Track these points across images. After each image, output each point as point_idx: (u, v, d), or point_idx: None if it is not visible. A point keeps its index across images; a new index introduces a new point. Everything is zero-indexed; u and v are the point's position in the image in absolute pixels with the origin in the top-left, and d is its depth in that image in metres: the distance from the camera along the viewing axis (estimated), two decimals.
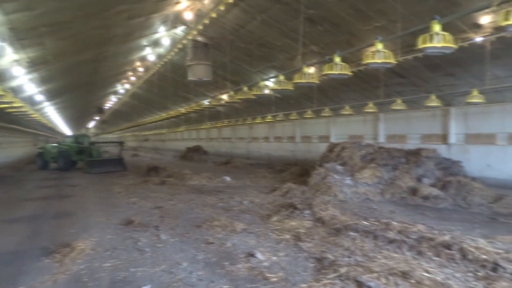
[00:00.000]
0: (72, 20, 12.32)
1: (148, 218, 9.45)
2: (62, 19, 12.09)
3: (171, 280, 5.49)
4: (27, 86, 18.35)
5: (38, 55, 14.74)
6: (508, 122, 13.96)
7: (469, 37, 10.91)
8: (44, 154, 24.49)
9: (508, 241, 7.00)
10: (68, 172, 22.06)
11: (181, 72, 21.94)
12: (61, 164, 22.94)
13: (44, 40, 13.17)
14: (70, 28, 13.01)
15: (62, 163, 22.92)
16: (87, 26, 13.35)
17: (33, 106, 23.43)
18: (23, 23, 11.07)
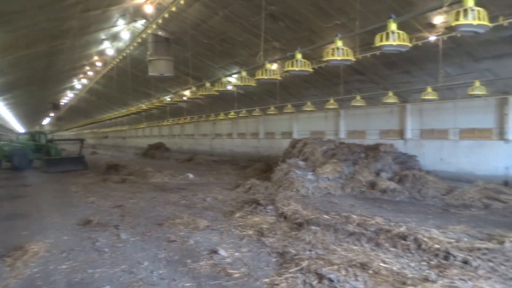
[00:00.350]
0: (23, 11, 11.66)
1: (107, 218, 9.19)
2: (12, 9, 11.41)
3: (131, 280, 5.36)
4: None
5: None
6: (459, 118, 14.70)
7: (424, 36, 11.37)
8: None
9: (458, 230, 7.37)
10: (23, 172, 20.99)
11: (142, 67, 21.41)
12: (16, 163, 21.65)
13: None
14: (21, 19, 12.31)
15: (17, 162, 21.64)
16: (40, 18, 12.68)
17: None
18: None
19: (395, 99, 14.69)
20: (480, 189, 10.57)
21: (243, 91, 20.89)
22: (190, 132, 37.51)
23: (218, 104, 26.04)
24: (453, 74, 13.30)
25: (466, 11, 5.31)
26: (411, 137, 16.49)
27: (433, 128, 15.66)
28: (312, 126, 21.93)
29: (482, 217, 8.94)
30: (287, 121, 23.71)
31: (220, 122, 30.80)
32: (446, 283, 4.72)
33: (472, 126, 14.28)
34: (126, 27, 19.64)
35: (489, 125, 13.77)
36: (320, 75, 16.05)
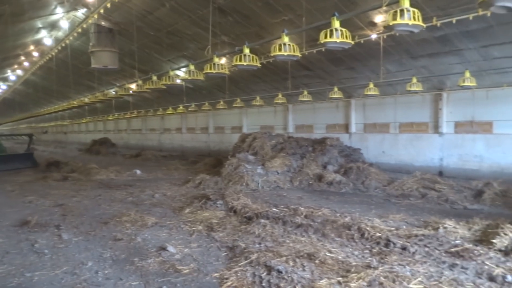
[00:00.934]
0: None
1: (47, 217, 8.70)
2: None
3: (74, 281, 5.13)
4: None
5: None
6: (399, 112, 15.56)
7: (366, 34, 11.85)
8: None
9: (398, 219, 7.84)
10: None
11: (84, 59, 20.38)
12: None
13: None
14: None
15: None
16: None
17: None
18: None
19: (340, 95, 15.21)
20: (417, 179, 11.26)
21: (192, 85, 20.60)
22: (137, 127, 36.42)
23: (166, 98, 25.49)
24: (393, 70, 14.02)
25: (402, 12, 5.65)
26: (355, 131, 17.19)
27: (376, 122, 16.44)
28: (262, 121, 22.16)
29: (420, 205, 9.55)
30: (236, 115, 23.75)
31: (169, 117, 30.20)
32: (386, 269, 4.98)
33: (411, 120, 15.17)
34: (66, 16, 18.55)
35: (426, 119, 14.71)
36: (269, 70, 16.22)
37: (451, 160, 13.78)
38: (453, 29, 10.63)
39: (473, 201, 9.63)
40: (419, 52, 12.66)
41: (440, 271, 5.01)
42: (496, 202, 9.40)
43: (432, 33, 11.02)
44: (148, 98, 26.86)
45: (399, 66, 13.82)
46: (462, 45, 11.54)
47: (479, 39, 11.00)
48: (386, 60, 12.97)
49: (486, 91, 12.89)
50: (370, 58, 13.57)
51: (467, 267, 5.07)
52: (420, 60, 13.09)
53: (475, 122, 13.32)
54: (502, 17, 9.33)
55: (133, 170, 16.99)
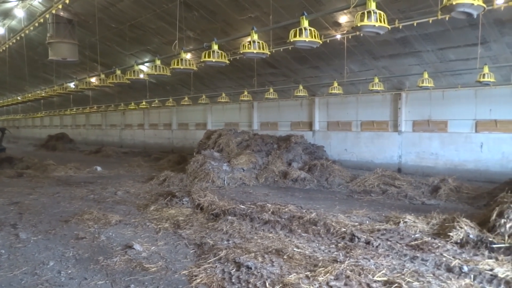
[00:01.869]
0: None
1: (2, 216, 8.29)
2: None
3: (35, 282, 4.92)
4: None
5: None
6: (360, 111, 16.04)
7: (331, 33, 12.10)
8: None
9: (361, 214, 8.12)
10: None
11: (40, 50, 19.46)
12: None
13: None
14: None
15: None
16: None
17: None
18: None
19: (305, 93, 15.47)
20: (378, 176, 11.68)
21: (156, 81, 20.19)
22: (97, 122, 35.23)
23: (128, 93, 24.82)
24: (355, 70, 14.43)
25: (369, 13, 5.85)
26: (319, 128, 17.54)
27: (339, 120, 16.86)
28: (227, 118, 22.12)
29: (381, 201, 9.92)
30: (201, 112, 23.55)
31: (131, 112, 29.44)
32: (352, 262, 5.15)
33: (372, 118, 15.69)
34: (21, 4, 17.57)
35: (386, 118, 15.27)
36: (235, 67, 16.20)
37: (409, 158, 14.40)
38: (412, 32, 11.09)
39: (430, 196, 10.13)
40: (380, 53, 13.11)
41: (402, 264, 5.24)
42: (451, 197, 9.95)
43: (393, 34, 11.44)
44: (109, 92, 26.04)
45: (361, 66, 14.24)
46: (421, 47, 12.06)
47: (437, 41, 11.54)
48: (349, 60, 13.33)
49: (442, 92, 13.56)
50: (334, 57, 13.88)
51: (427, 259, 5.34)
52: (381, 60, 13.55)
53: (432, 121, 13.98)
54: (458, 22, 9.85)
55: (93, 166, 16.45)
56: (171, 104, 22.12)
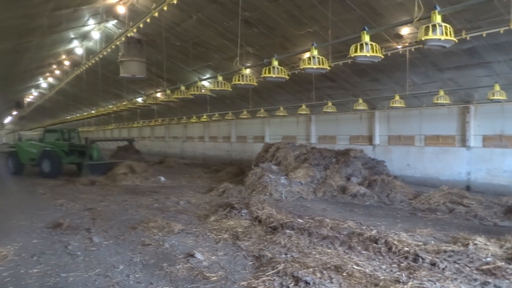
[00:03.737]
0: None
1: (78, 221, 9.00)
2: None
3: (107, 284, 5.30)
4: None
5: None
6: (424, 125, 15.36)
7: (392, 46, 11.84)
8: (19, 154, 19.12)
9: (425, 233, 7.74)
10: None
11: (112, 68, 21.00)
12: (47, 168, 17.88)
13: None
14: None
15: (49, 166, 17.89)
16: (8, 15, 12.25)
17: None
18: None
19: (364, 106, 15.17)
20: (444, 193, 11.05)
21: (216, 95, 20.90)
22: (161, 134, 37.04)
23: (190, 107, 25.90)
24: (419, 83, 13.90)
25: (434, 27, 5.67)
26: (379, 143, 17.04)
27: (400, 134, 16.26)
28: (284, 131, 22.23)
29: (447, 220, 9.38)
30: (259, 125, 23.90)
31: (192, 125, 30.62)
32: (416, 284, 4.95)
33: (437, 133, 14.95)
34: (97, 27, 19.23)
35: (452, 132, 14.47)
36: (293, 81, 16.30)
37: (479, 175, 13.48)
38: (481, 42, 10.51)
39: (503, 217, 9.38)
40: (446, 65, 12.54)
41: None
42: None
43: (460, 45, 10.90)
44: (173, 106, 27.36)
45: (425, 79, 13.70)
46: (491, 58, 11.37)
47: (509, 51, 10.83)
48: (412, 72, 12.89)
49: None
50: (395, 70, 13.51)
51: (500, 286, 4.99)
52: (447, 72, 12.95)
53: (505, 136, 13.02)
54: None
55: (157, 176, 17.27)
56: (230, 117, 22.73)
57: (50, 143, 19.37)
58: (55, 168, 17.95)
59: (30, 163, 19.05)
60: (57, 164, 18.10)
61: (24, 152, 19.14)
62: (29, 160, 18.91)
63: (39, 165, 18.22)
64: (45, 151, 18.35)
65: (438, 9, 5.70)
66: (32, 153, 18.82)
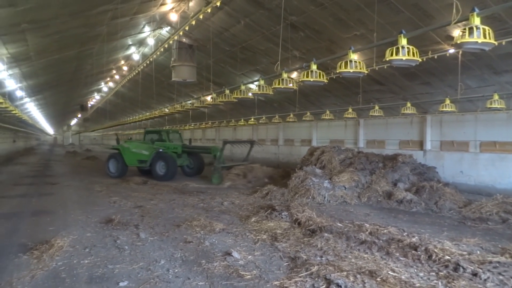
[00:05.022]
0: (55, 18, 12.33)
1: (128, 217, 9.58)
2: (45, 17, 12.10)
3: (148, 276, 5.66)
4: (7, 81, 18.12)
5: (20, 51, 14.67)
6: (479, 130, 14.54)
7: (443, 48, 11.39)
8: (124, 156, 18.56)
9: (472, 243, 7.38)
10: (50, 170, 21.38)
11: (166, 73, 22.02)
12: (162, 170, 17.50)
13: (26, 37, 13.14)
14: (53, 25, 13.00)
15: (164, 168, 17.48)
16: (71, 25, 13.37)
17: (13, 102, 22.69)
18: (5, 18, 11.08)
19: (413, 110, 14.67)
20: (498, 202, 10.41)
21: (263, 98, 21.19)
22: (211, 136, 38.03)
23: (239, 109, 26.42)
24: (473, 86, 13.22)
25: (471, 30, 5.45)
26: (430, 148, 16.37)
27: (453, 140, 15.52)
28: (332, 135, 21.99)
29: (499, 231, 8.85)
30: (306, 128, 23.84)
31: (241, 128, 31.16)
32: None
33: (493, 139, 14.09)
34: (152, 34, 20.29)
35: (511, 138, 13.57)
36: (340, 84, 16.19)
37: None
38: None
39: None
40: (503, 67, 11.84)
41: None
42: None
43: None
44: (222, 109, 28.06)
45: (480, 82, 13.00)
46: None
47: None
48: (465, 75, 12.31)
49: None
50: (448, 73, 12.96)
51: None
52: (504, 75, 12.21)
53: None
54: None
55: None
56: (277, 120, 22.89)
57: (161, 145, 18.56)
58: (170, 170, 17.43)
59: (138, 165, 18.61)
60: (172, 166, 17.52)
61: (130, 153, 18.55)
62: (137, 162, 18.46)
63: (152, 167, 17.75)
64: (159, 153, 17.94)
65: (477, 11, 5.48)
66: (142, 154, 18.30)
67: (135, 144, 19.22)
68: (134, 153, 18.51)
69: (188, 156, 19.34)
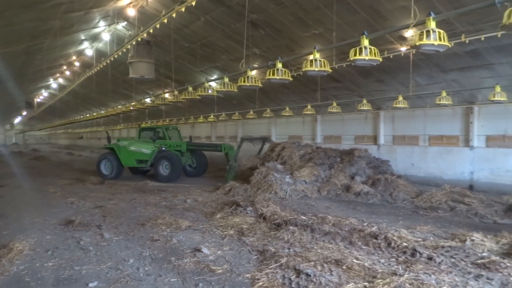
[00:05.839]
0: (5, 10, 11.64)
1: (89, 218, 9.33)
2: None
3: (118, 276, 5.61)
4: None
5: None
6: (428, 125, 15.51)
7: (396, 48, 12.03)
8: (120, 156, 17.33)
9: (425, 230, 7.94)
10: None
11: (122, 69, 21.40)
12: (165, 171, 16.40)
13: None
14: (2, 18, 12.26)
15: (168, 168, 16.36)
16: (22, 18, 12.67)
17: None
18: None
19: (369, 106, 15.34)
20: (446, 192, 11.22)
21: (223, 95, 21.20)
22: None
23: (197, 107, 26.23)
24: (423, 83, 14.06)
25: (428, 32, 5.91)
26: (384, 142, 17.22)
27: (405, 134, 16.43)
28: (290, 131, 22.45)
29: (448, 218, 9.57)
30: (265, 125, 24.15)
31: (199, 125, 30.95)
32: (412, 276, 5.18)
33: (441, 133, 15.10)
34: (107, 29, 19.64)
35: (456, 132, 14.61)
36: (299, 81, 16.56)
37: (482, 174, 13.61)
38: (484, 44, 10.66)
39: (503, 215, 9.55)
40: (449, 66, 12.70)
41: (465, 281, 5.17)
42: None
43: (463, 47, 11.08)
44: (180, 106, 27.71)
45: (429, 79, 13.86)
46: (494, 60, 11.52)
47: (511, 53, 10.97)
48: (415, 73, 13.07)
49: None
50: (400, 71, 13.69)
51: (493, 278, 5.21)
52: (450, 73, 13.10)
53: (508, 137, 13.14)
54: None
55: None
56: (237, 117, 23.01)
57: (162, 142, 17.55)
58: (175, 170, 16.30)
59: (137, 165, 17.52)
60: (177, 166, 16.36)
61: (128, 153, 17.30)
62: (136, 162, 17.33)
63: (155, 168, 16.68)
64: (161, 152, 16.84)
65: (433, 16, 5.94)
66: (142, 154, 17.13)
67: (134, 142, 17.93)
68: (132, 152, 17.28)
69: (191, 154, 18.49)
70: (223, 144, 17.44)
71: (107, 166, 17.70)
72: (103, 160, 17.76)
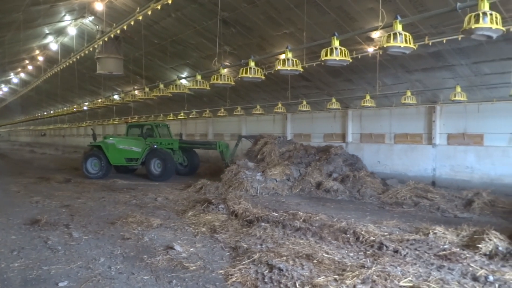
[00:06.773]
0: None
1: (56, 217, 9.09)
2: None
3: (89, 275, 5.52)
4: None
5: None
6: (394, 124, 16.08)
7: (364, 48, 12.39)
8: (108, 154, 16.63)
9: (391, 225, 8.28)
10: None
11: (89, 65, 20.82)
12: (157, 169, 15.97)
13: None
14: None
15: (161, 167, 15.90)
16: None
17: None
18: None
19: (337, 105, 15.72)
20: (411, 188, 11.72)
21: (194, 93, 21.07)
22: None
23: (167, 104, 25.93)
24: (389, 83, 14.56)
25: (395, 35, 6.19)
26: (352, 140, 17.68)
27: (372, 132, 16.94)
28: (261, 129, 22.56)
29: (412, 213, 10.01)
30: (236, 123, 24.20)
31: (169, 123, 30.55)
32: (379, 268, 5.41)
33: (405, 131, 15.69)
34: (74, 23, 19.05)
35: (420, 130, 15.23)
36: (270, 80, 16.70)
37: (443, 171, 14.28)
38: (445, 46, 11.17)
39: (463, 209, 10.09)
40: (413, 67, 13.22)
41: (428, 272, 5.44)
42: (485, 211, 9.87)
43: (426, 49, 11.57)
44: (150, 104, 27.29)
45: (394, 79, 14.36)
46: (455, 61, 12.09)
47: (470, 56, 11.56)
48: (382, 73, 13.51)
49: (477, 105, 13.43)
50: (367, 71, 14.11)
51: (453, 269, 5.51)
52: (414, 74, 13.64)
53: (467, 135, 13.84)
54: None
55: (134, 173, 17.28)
56: (208, 115, 22.93)
57: (153, 140, 16.94)
58: (168, 169, 15.83)
59: (126, 164, 16.92)
60: (170, 164, 15.87)
61: (116, 151, 16.68)
62: (125, 160, 16.74)
63: (146, 166, 16.17)
64: (153, 149, 16.30)
65: (399, 19, 6.21)
66: (132, 152, 16.64)
67: (123, 140, 17.28)
68: (121, 150, 16.67)
69: (182, 152, 18.05)
70: (218, 142, 16.86)
71: (93, 164, 16.90)
72: (89, 159, 16.93)
